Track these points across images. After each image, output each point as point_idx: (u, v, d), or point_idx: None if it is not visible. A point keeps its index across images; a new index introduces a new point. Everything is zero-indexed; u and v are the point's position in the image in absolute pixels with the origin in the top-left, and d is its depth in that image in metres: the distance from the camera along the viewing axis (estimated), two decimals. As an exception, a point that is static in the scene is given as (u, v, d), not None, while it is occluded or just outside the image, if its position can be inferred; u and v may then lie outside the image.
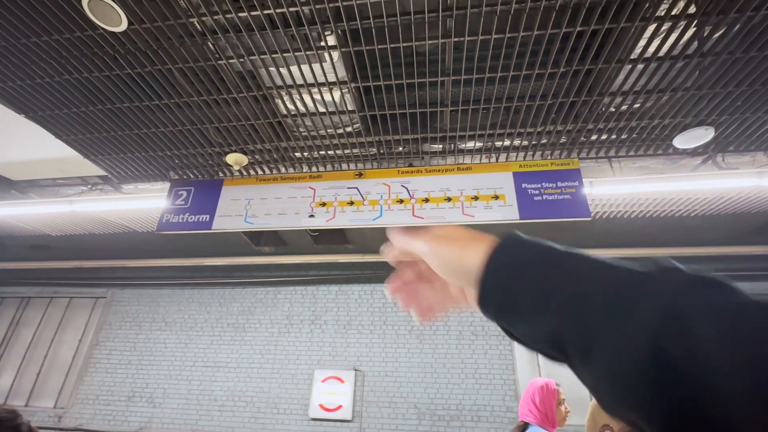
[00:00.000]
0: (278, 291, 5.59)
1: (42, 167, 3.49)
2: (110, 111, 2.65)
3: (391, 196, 2.98)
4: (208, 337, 5.43)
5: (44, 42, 2.08)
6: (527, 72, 2.26)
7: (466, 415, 4.52)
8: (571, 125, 2.67)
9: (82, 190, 3.74)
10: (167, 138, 2.93)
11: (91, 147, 3.06)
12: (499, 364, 4.71)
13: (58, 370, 5.63)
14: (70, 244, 5.25)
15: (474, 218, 2.77)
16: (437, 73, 2.30)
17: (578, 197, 2.76)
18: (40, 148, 3.16)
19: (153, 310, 5.76)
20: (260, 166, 3.27)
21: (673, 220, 3.95)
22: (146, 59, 2.20)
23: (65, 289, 6.13)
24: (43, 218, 4.31)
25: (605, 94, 2.38)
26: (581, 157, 3.00)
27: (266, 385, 5.01)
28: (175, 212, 3.25)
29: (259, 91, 2.45)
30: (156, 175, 3.45)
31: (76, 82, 2.38)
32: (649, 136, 2.76)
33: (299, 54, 2.16)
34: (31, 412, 5.28)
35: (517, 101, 2.50)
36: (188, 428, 4.89)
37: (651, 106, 2.48)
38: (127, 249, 5.37)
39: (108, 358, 5.51)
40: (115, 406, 5.18)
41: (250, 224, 3.08)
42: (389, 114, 2.66)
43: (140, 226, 4.48)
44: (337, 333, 5.18)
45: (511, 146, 2.92)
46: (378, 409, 4.67)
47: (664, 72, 2.20)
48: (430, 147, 3.00)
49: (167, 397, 5.12)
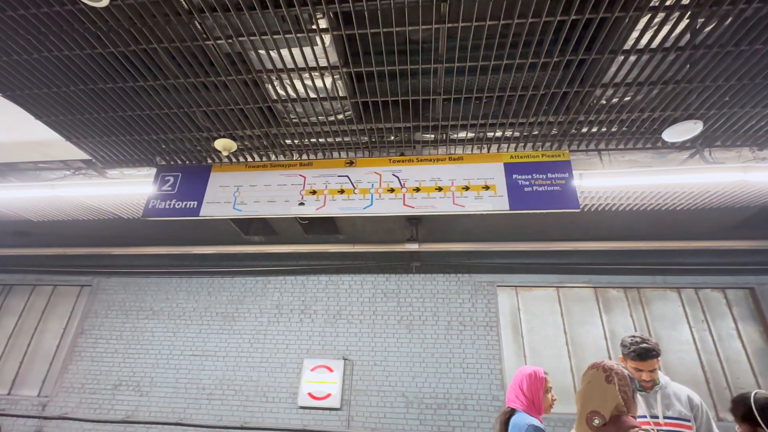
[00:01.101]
0: (268, 280, 5.56)
1: (22, 150, 3.38)
2: (93, 92, 2.56)
3: (382, 185, 2.96)
4: (197, 326, 5.39)
5: (20, 16, 1.99)
6: (521, 61, 2.24)
7: (453, 404, 4.58)
8: (562, 117, 2.67)
9: (65, 174, 3.63)
10: (153, 121, 2.85)
11: (74, 129, 2.96)
12: (486, 354, 4.78)
13: (41, 358, 5.54)
14: (53, 231, 5.12)
15: (464, 208, 2.77)
16: (430, 60, 2.27)
17: (568, 189, 2.78)
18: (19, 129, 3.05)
19: (140, 298, 5.69)
20: (249, 152, 3.22)
21: (660, 213, 4.02)
22: (130, 38, 2.13)
23: (49, 277, 6.01)
24: (23, 203, 4.19)
25: (597, 85, 2.38)
26: (572, 149, 3.02)
27: (255, 373, 5.00)
28: (162, 198, 3.19)
29: (248, 74, 2.40)
30: (142, 160, 3.37)
31: (56, 60, 2.29)
32: (639, 129, 2.78)
33: (290, 36, 2.11)
34: (14, 401, 5.20)
35: (509, 91, 2.49)
36: (176, 416, 4.87)
37: (642, 98, 2.49)
38: (113, 236, 5.26)
39: (94, 347, 5.44)
40: (101, 394, 5.12)
41: (239, 211, 3.04)
42: (381, 102, 2.63)
43: (126, 212, 4.39)
44: (327, 323, 5.18)
45: (502, 137, 2.91)
46: (366, 397, 4.71)
47: (656, 64, 2.20)
48: (422, 136, 2.98)
49: (154, 385, 5.09)
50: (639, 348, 2.20)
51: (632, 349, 2.23)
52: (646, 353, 2.19)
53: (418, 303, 5.17)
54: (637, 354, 2.20)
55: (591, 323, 4.88)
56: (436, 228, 4.71)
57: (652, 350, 2.19)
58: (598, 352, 4.66)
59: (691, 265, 4.89)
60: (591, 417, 1.44)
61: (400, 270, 5.38)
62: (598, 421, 1.42)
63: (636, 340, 2.24)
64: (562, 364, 4.69)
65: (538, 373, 1.92)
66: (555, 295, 5.10)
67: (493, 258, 5.21)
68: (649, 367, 2.20)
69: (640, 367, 2.21)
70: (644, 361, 2.19)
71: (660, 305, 4.88)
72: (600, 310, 4.93)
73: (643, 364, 2.20)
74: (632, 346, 2.23)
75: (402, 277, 5.35)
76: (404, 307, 5.16)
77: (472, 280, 5.22)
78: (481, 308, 5.04)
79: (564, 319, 4.94)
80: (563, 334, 4.86)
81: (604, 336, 4.76)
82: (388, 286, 5.32)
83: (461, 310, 5.06)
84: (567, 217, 4.23)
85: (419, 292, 5.24)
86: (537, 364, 4.71)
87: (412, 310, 5.13)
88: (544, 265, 5.13)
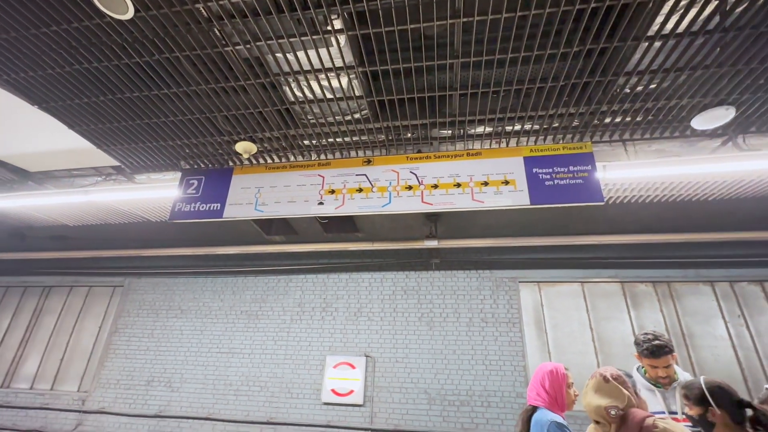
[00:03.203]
0: (290, 279, 5.66)
1: (57, 158, 3.57)
2: (120, 101, 2.67)
3: (399, 183, 2.97)
4: (223, 324, 5.55)
5: (53, 32, 2.10)
6: (539, 53, 2.20)
7: (476, 401, 4.55)
8: (584, 107, 2.60)
9: (96, 181, 3.81)
10: (177, 127, 2.95)
11: (103, 137, 3.10)
12: (509, 350, 4.72)
13: (80, 355, 5.84)
14: (88, 235, 5.38)
15: (484, 204, 2.75)
16: (446, 56, 2.25)
17: (591, 181, 2.70)
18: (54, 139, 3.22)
19: (169, 298, 5.90)
20: (269, 154, 3.28)
21: (691, 204, 3.85)
22: (153, 47, 2.21)
23: (84, 278, 6.32)
24: (60, 208, 4.42)
25: (620, 74, 2.30)
26: (594, 140, 2.93)
27: (279, 370, 5.11)
28: (187, 201, 3.30)
29: (266, 77, 2.44)
30: (167, 165, 3.49)
31: (86, 71, 2.40)
32: (666, 118, 2.68)
33: (305, 38, 2.13)
34: (56, 396, 5.51)
35: (527, 84, 2.44)
36: (205, 411, 5.04)
37: (668, 85, 2.39)
38: (142, 239, 5.48)
39: (127, 344, 5.69)
40: (135, 390, 5.36)
41: (261, 212, 3.11)
42: (397, 99, 2.63)
43: (154, 215, 4.56)
44: (348, 320, 5.24)
45: (521, 130, 2.86)
46: (389, 394, 4.74)
47: (683, 49, 2.11)
48: (439, 132, 2.97)
49: (184, 381, 5.28)
50: (652, 345, 2.22)
51: (645, 346, 2.24)
52: (659, 350, 2.20)
53: (439, 300, 5.15)
54: (650, 351, 2.22)
55: (618, 319, 4.75)
56: (455, 224, 4.68)
57: (665, 347, 2.20)
58: (626, 348, 4.53)
59: (725, 257, 4.67)
60: (608, 409, 1.57)
61: (420, 267, 5.37)
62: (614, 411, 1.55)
63: (648, 338, 2.25)
64: (588, 361, 4.58)
65: (559, 370, 1.89)
66: (580, 290, 4.98)
67: (514, 253, 5.14)
68: (663, 363, 2.20)
69: (654, 364, 2.22)
70: (658, 358, 2.20)
71: (692, 300, 4.69)
72: (628, 306, 4.78)
73: (657, 361, 2.21)
74: (645, 344, 2.25)
75: (422, 274, 5.34)
76: (425, 304, 5.16)
77: (493, 276, 5.16)
78: (503, 304, 4.98)
79: (590, 314, 4.82)
80: (589, 330, 4.74)
81: (633, 332, 4.62)
82: (408, 283, 5.32)
83: (482, 307, 5.01)
84: (591, 210, 4.12)
85: (439, 288, 5.22)
86: (562, 361, 4.63)
87: (432, 307, 5.12)
88: (568, 260, 5.01)
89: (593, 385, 1.70)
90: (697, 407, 1.74)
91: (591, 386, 1.71)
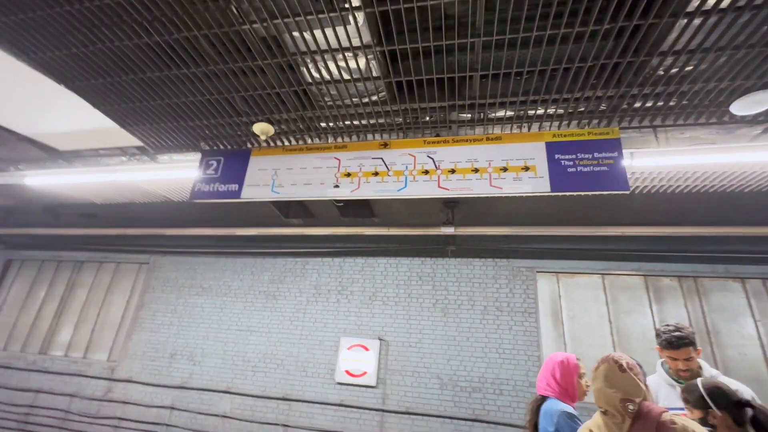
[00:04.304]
0: (306, 262, 5.75)
1: (84, 137, 3.68)
2: (141, 80, 2.71)
3: (416, 167, 2.92)
4: (242, 303, 5.72)
5: (77, 10, 2.13)
6: (566, 31, 2.08)
7: (488, 388, 4.56)
8: (612, 90, 2.47)
9: (121, 160, 3.92)
10: (196, 108, 2.98)
11: (126, 116, 3.17)
12: (524, 340, 4.67)
13: (109, 327, 6.16)
14: (115, 213, 5.59)
15: (502, 190, 2.68)
16: (467, 35, 2.17)
17: (616, 169, 2.59)
18: (81, 118, 3.31)
19: (191, 276, 6.11)
20: (286, 136, 3.29)
21: (724, 196, 3.65)
22: (173, 26, 2.21)
23: (113, 255, 6.60)
24: (88, 186, 4.58)
25: (654, 54, 2.16)
26: (622, 126, 2.79)
27: (295, 349, 5.25)
28: (206, 181, 3.36)
29: (283, 57, 2.42)
30: (188, 145, 3.55)
31: (108, 50, 2.44)
32: (702, 102, 2.51)
33: (323, 16, 2.09)
34: (88, 363, 5.85)
35: (552, 65, 2.33)
36: (224, 385, 5.25)
37: (707, 67, 2.23)
38: (165, 218, 5.66)
39: (152, 319, 5.95)
40: (159, 362, 5.62)
41: (277, 194, 3.14)
42: (416, 81, 2.56)
43: (175, 195, 4.68)
44: (363, 304, 5.30)
45: (545, 114, 2.75)
46: (401, 377, 4.80)
47: (726, 27, 1.96)
48: (458, 116, 2.89)
49: (205, 356, 5.49)
50: (671, 336, 2.14)
51: (664, 337, 2.18)
52: (678, 341, 2.12)
53: (454, 287, 5.12)
54: (669, 342, 2.15)
55: (639, 313, 4.61)
56: (473, 212, 4.60)
57: (686, 338, 2.12)
58: (646, 343, 4.40)
59: (759, 253, 4.43)
60: (625, 404, 1.46)
61: (436, 254, 5.34)
62: (632, 406, 1.45)
63: (669, 329, 2.18)
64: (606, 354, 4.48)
65: (570, 360, 1.85)
66: (600, 282, 4.85)
67: (533, 243, 5.03)
68: (683, 355, 2.13)
69: (674, 355, 2.16)
70: (677, 350, 2.13)
71: (720, 296, 4.49)
72: (650, 300, 4.63)
73: (676, 352, 2.14)
74: (664, 335, 2.18)
75: (437, 261, 5.32)
76: (439, 290, 5.15)
77: (510, 265, 5.09)
78: (519, 294, 4.91)
79: (609, 307, 4.70)
80: (608, 323, 4.63)
81: (654, 326, 4.48)
82: (423, 270, 5.31)
83: (498, 296, 4.96)
84: (615, 199, 3.96)
85: (455, 276, 5.18)
86: (578, 353, 4.54)
87: (447, 294, 5.11)
88: (589, 251, 4.87)
89: (605, 371, 1.59)
90: (697, 410, 1.69)
91: (602, 372, 1.59)
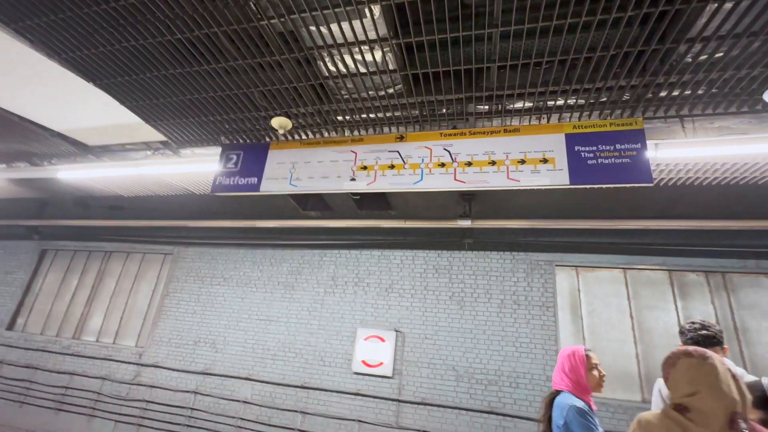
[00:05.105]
0: (324, 253, 5.84)
1: (112, 133, 3.82)
2: (164, 77, 2.79)
3: (432, 160, 2.92)
4: (261, 293, 5.87)
5: (103, 10, 2.21)
6: (588, 19, 2.02)
7: (504, 381, 4.55)
8: (636, 79, 2.39)
9: (146, 155, 4.06)
10: (216, 103, 3.05)
11: (150, 112, 3.27)
12: (542, 334, 4.63)
13: (137, 314, 6.44)
14: (141, 205, 5.80)
15: (519, 183, 2.64)
16: (484, 26, 2.14)
17: (639, 161, 2.51)
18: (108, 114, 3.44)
19: (213, 266, 6.30)
20: (304, 130, 3.33)
21: (756, 188, 3.49)
22: (193, 23, 2.27)
23: (140, 246, 6.87)
24: (115, 180, 4.77)
25: (681, 41, 2.08)
26: (647, 116, 2.70)
27: (313, 339, 5.36)
28: (227, 175, 3.45)
29: (300, 52, 2.45)
30: (209, 139, 3.64)
31: (132, 48, 2.52)
32: (733, 91, 2.40)
33: (339, 10, 2.10)
34: (117, 349, 6.14)
35: (573, 54, 2.27)
36: (245, 372, 5.42)
37: (738, 53, 2.13)
38: (188, 211, 5.84)
39: (177, 307, 6.18)
40: (184, 349, 5.85)
41: (295, 187, 3.19)
42: (432, 73, 2.54)
43: (197, 188, 4.81)
44: (379, 295, 5.35)
45: (564, 105, 2.69)
46: (417, 368, 4.85)
47: (760, 10, 1.86)
48: (475, 108, 2.86)
49: (227, 344, 5.68)
50: (698, 335, 2.06)
51: (690, 336, 2.09)
52: (705, 340, 2.03)
53: (471, 280, 5.11)
54: (695, 342, 2.06)
55: (662, 309, 4.49)
56: (490, 204, 4.56)
57: (713, 337, 2.03)
58: (669, 339, 4.29)
59: (793, 248, 4.23)
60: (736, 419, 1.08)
61: (453, 246, 5.32)
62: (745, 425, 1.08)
63: (695, 327, 2.10)
64: (627, 349, 4.40)
65: (577, 352, 1.83)
66: (621, 276, 4.73)
67: (551, 236, 4.94)
68: None
69: None
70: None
71: (750, 293, 4.32)
72: (674, 295, 4.50)
73: None
74: (690, 333, 2.10)
75: (454, 254, 5.30)
76: (456, 283, 5.14)
77: (528, 258, 5.03)
78: (537, 287, 4.85)
79: (630, 302, 4.59)
80: (629, 318, 4.53)
81: (678, 322, 4.36)
82: (439, 262, 5.31)
83: (515, 289, 4.92)
84: (639, 192, 3.85)
85: (471, 269, 5.16)
86: (597, 348, 4.49)
87: (464, 287, 5.10)
88: (610, 245, 4.75)
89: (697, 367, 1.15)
90: (757, 411, 1.52)
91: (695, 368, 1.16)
